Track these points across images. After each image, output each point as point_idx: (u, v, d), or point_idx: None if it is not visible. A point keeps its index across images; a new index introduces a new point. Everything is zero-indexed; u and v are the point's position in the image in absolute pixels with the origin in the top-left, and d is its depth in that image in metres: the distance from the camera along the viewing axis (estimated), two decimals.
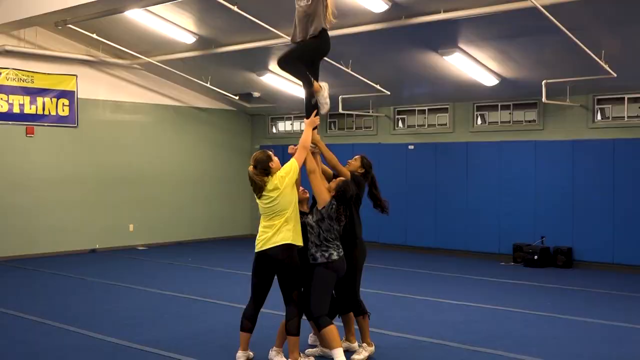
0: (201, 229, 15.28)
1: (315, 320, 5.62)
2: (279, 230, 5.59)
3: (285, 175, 5.64)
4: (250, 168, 5.71)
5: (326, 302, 5.64)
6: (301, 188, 5.96)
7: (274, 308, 6.96)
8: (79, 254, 13.10)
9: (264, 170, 5.67)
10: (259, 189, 5.65)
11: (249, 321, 5.83)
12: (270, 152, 5.78)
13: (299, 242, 5.67)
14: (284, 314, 5.71)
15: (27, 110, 12.58)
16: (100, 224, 13.61)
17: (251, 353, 5.99)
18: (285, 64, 5.97)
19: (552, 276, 10.69)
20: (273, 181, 5.64)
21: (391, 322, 5.94)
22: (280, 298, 5.78)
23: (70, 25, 11.37)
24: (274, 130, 16.38)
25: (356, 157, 6.44)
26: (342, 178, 5.85)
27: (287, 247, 5.59)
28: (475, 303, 8.53)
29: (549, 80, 10.57)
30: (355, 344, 6.28)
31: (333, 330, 5.55)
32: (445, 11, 9.13)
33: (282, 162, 5.71)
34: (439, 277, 10.74)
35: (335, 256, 5.64)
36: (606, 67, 9.68)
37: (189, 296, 8.94)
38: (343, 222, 5.73)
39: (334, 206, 5.61)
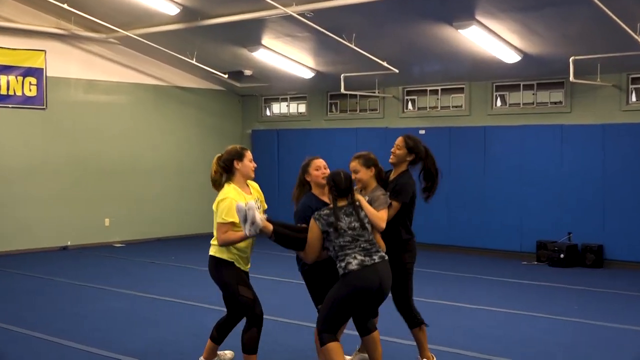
0: (186, 223, 15.26)
1: (317, 333, 5.24)
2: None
3: (218, 202, 5.44)
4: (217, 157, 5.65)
5: (335, 319, 5.18)
6: (321, 171, 5.53)
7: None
8: (48, 252, 13.11)
9: (226, 163, 5.55)
10: (213, 182, 5.61)
11: (215, 330, 5.87)
12: (247, 151, 5.62)
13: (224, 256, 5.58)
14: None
15: None
16: (72, 218, 13.61)
17: (228, 354, 6.16)
18: None
19: (580, 277, 10.71)
20: (221, 191, 5.53)
21: (399, 328, 5.93)
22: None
23: None
24: (268, 113, 16.35)
25: (397, 141, 5.75)
26: (331, 171, 5.38)
27: (210, 259, 5.65)
28: (493, 307, 8.55)
29: (577, 57, 10.55)
30: None
31: (335, 349, 5.11)
32: None
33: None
34: (453, 278, 10.76)
35: (353, 265, 5.10)
36: None
37: (172, 299, 8.93)
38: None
39: (325, 209, 5.22)
